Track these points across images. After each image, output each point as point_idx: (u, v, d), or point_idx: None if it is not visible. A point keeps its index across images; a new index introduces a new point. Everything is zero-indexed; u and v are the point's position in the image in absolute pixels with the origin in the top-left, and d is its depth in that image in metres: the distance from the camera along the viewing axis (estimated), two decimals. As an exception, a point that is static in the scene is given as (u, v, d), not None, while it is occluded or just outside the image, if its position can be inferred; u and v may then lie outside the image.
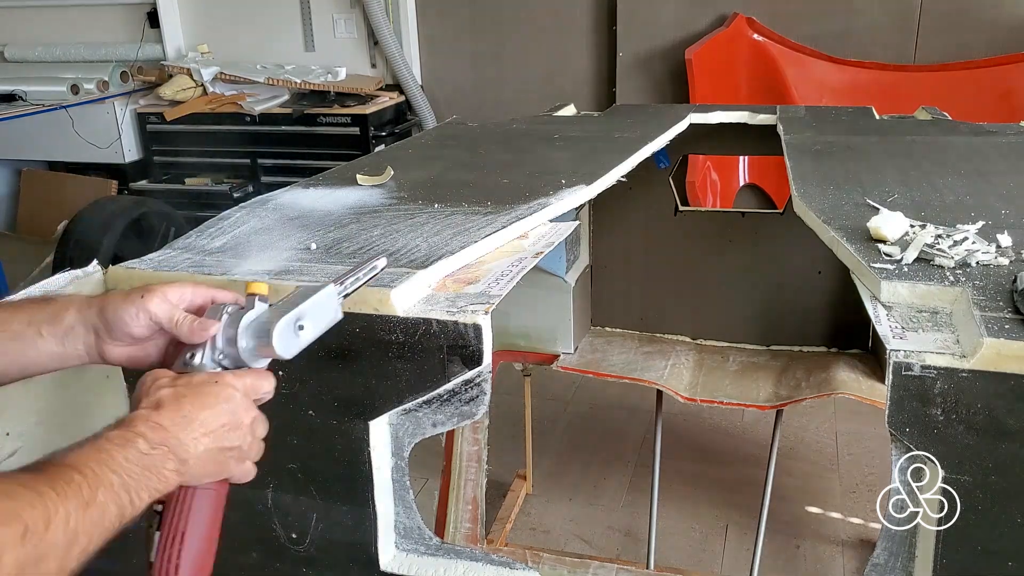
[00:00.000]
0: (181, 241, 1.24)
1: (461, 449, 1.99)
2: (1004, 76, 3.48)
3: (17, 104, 4.08)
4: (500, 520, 2.39)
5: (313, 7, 4.35)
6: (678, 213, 2.29)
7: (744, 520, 2.40)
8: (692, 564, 2.27)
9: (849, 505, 2.47)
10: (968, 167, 1.58)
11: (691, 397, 1.97)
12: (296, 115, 4.10)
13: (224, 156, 4.28)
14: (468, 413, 1.01)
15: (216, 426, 0.76)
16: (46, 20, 4.68)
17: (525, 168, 1.63)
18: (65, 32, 4.64)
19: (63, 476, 0.62)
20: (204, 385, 0.77)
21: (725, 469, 2.66)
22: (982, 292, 0.98)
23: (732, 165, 3.90)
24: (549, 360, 2.19)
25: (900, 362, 0.89)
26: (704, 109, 2.19)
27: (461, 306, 0.99)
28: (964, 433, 0.89)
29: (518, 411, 2.52)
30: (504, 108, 4.11)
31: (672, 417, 2.85)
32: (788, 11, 3.75)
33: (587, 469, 2.70)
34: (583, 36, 4.13)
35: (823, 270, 2.17)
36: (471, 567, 1.06)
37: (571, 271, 2.20)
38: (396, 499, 1.08)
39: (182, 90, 4.26)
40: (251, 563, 1.14)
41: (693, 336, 2.33)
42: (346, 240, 1.21)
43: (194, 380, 0.77)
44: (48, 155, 4.59)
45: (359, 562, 1.08)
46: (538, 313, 2.16)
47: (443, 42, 4.33)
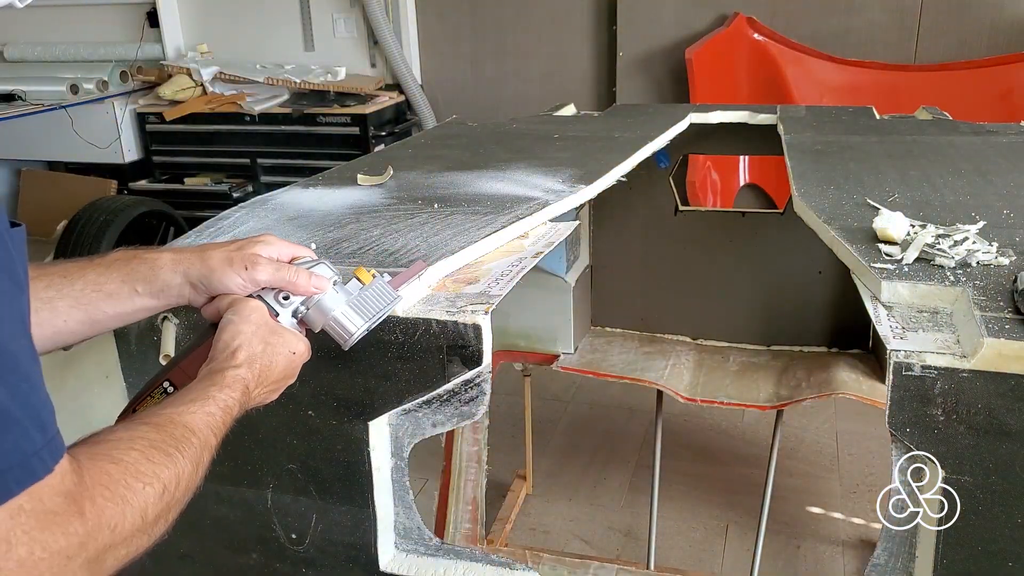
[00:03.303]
0: (180, 241, 1.24)
1: (461, 449, 1.99)
2: (1004, 76, 3.47)
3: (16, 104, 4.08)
4: (500, 520, 2.39)
5: (313, 7, 4.35)
6: (678, 213, 2.28)
7: (744, 520, 2.40)
8: (692, 564, 2.27)
9: (850, 505, 2.46)
10: (968, 167, 1.57)
11: (691, 397, 1.97)
12: (296, 115, 4.10)
13: (224, 156, 4.28)
14: (468, 413, 1.01)
15: (275, 384, 0.85)
16: (46, 20, 4.68)
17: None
18: (65, 32, 4.64)
19: (184, 439, 0.69)
20: (287, 352, 0.85)
21: (725, 469, 2.66)
22: (982, 292, 0.98)
23: (732, 165, 3.90)
24: (549, 360, 2.19)
25: (900, 362, 0.89)
26: (704, 109, 2.19)
27: (461, 306, 0.99)
28: (964, 433, 0.89)
29: (518, 411, 2.52)
30: (504, 108, 4.11)
31: (672, 417, 2.85)
32: (788, 11, 3.75)
33: (587, 469, 2.70)
34: (583, 36, 4.13)
35: (823, 270, 2.17)
36: (471, 567, 1.06)
37: (571, 271, 2.20)
38: (396, 499, 1.08)
39: (182, 90, 4.25)
40: (251, 563, 1.14)
41: (693, 336, 2.33)
42: (346, 240, 1.21)
43: (283, 342, 0.84)
44: (48, 155, 4.59)
45: (359, 562, 1.08)
46: (538, 313, 2.16)
47: (443, 42, 4.33)
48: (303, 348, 0.87)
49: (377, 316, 0.90)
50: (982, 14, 3.54)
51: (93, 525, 0.58)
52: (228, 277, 0.86)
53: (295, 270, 0.87)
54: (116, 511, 0.60)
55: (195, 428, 0.72)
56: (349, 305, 0.88)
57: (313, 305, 0.87)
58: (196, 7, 4.52)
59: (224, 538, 1.15)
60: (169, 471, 0.65)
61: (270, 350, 0.83)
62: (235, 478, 1.11)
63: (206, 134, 4.24)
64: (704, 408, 2.76)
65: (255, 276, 0.86)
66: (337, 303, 0.88)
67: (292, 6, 4.37)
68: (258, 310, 0.85)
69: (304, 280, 0.87)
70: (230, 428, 0.77)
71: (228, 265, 0.86)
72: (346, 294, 0.89)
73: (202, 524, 1.15)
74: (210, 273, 0.86)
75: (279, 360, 0.84)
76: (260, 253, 0.88)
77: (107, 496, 0.60)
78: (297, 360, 0.86)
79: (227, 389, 0.77)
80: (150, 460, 0.64)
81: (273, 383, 0.84)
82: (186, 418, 0.72)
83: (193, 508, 0.70)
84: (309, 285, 0.87)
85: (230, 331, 0.82)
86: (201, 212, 3.81)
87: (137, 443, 0.65)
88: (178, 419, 0.71)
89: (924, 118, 2.16)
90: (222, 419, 0.75)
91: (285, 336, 0.85)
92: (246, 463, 1.10)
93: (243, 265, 0.86)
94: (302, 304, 0.87)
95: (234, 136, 4.21)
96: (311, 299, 0.87)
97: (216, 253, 0.87)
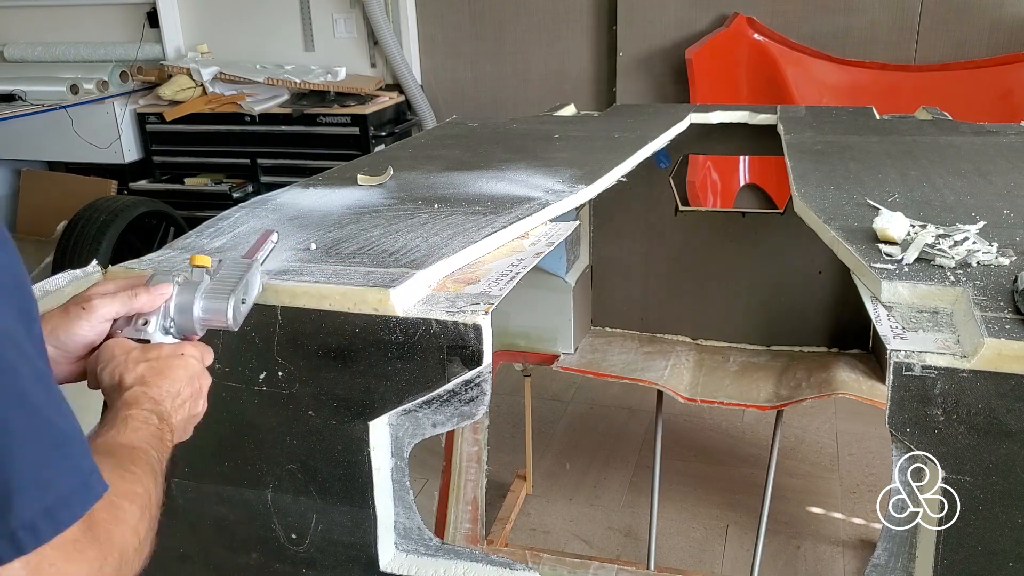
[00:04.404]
0: (180, 241, 1.24)
1: (461, 449, 1.99)
2: (1004, 76, 3.47)
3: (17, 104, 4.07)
4: (500, 520, 2.39)
5: (313, 7, 4.35)
6: (678, 213, 2.28)
7: (744, 520, 2.40)
8: (692, 564, 2.27)
9: (850, 506, 2.46)
10: (968, 167, 1.57)
11: (691, 397, 1.97)
12: (296, 115, 4.09)
13: (224, 156, 4.27)
14: (468, 413, 1.01)
15: (188, 396, 0.82)
16: (46, 20, 4.68)
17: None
18: (65, 32, 4.64)
19: (132, 455, 0.69)
20: (173, 359, 0.82)
21: (725, 469, 2.66)
22: (983, 292, 0.98)
23: (732, 165, 3.90)
24: (549, 360, 2.18)
25: (901, 362, 0.89)
26: (704, 109, 2.19)
27: (461, 306, 0.99)
28: (965, 433, 0.88)
29: (518, 411, 2.52)
30: (504, 108, 4.11)
31: (672, 417, 2.85)
32: (788, 11, 3.75)
33: (587, 469, 2.70)
34: (583, 36, 4.13)
35: (823, 270, 2.17)
36: (471, 568, 1.06)
37: (571, 271, 2.20)
38: (396, 499, 1.08)
39: (182, 90, 4.25)
40: (251, 563, 1.14)
41: (693, 336, 2.33)
42: (346, 240, 1.21)
43: (163, 353, 0.82)
44: (48, 155, 4.58)
45: (359, 562, 1.08)
46: (538, 313, 2.16)
47: (443, 42, 4.33)
48: (189, 348, 0.84)
49: (239, 286, 0.88)
50: (982, 14, 3.54)
51: (106, 549, 0.58)
52: (74, 326, 0.82)
53: (131, 291, 0.84)
54: (119, 533, 0.60)
55: (133, 445, 0.71)
56: (205, 293, 0.87)
57: (174, 314, 0.86)
58: (196, 7, 4.52)
59: (224, 538, 1.15)
60: (140, 486, 0.66)
61: (154, 363, 0.80)
62: (235, 478, 1.11)
63: (206, 134, 4.24)
64: (704, 408, 2.76)
65: (95, 311, 0.82)
66: (194, 297, 0.86)
67: (292, 6, 4.37)
68: (120, 343, 0.82)
69: (144, 295, 0.84)
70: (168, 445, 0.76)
71: (65, 314, 0.83)
72: (196, 286, 0.87)
73: (202, 524, 1.15)
74: (52, 331, 0.82)
75: (169, 365, 0.81)
76: (93, 292, 0.85)
77: (108, 520, 0.60)
78: (190, 362, 0.83)
79: (134, 407, 0.75)
80: (123, 478, 0.64)
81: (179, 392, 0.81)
82: (120, 439, 0.71)
83: (193, 508, 0.70)
84: (153, 296, 0.84)
85: (106, 373, 0.80)
86: (201, 212, 3.80)
87: (104, 465, 0.63)
88: (113, 442, 0.70)
89: (924, 118, 2.16)
90: (148, 432, 0.74)
91: (161, 347, 0.83)
92: (246, 463, 1.10)
93: (79, 307, 0.83)
94: (164, 320, 0.85)
95: (234, 136, 4.21)
96: (167, 309, 0.85)
97: (52, 312, 0.85)
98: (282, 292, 1.04)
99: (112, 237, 3.38)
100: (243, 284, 0.89)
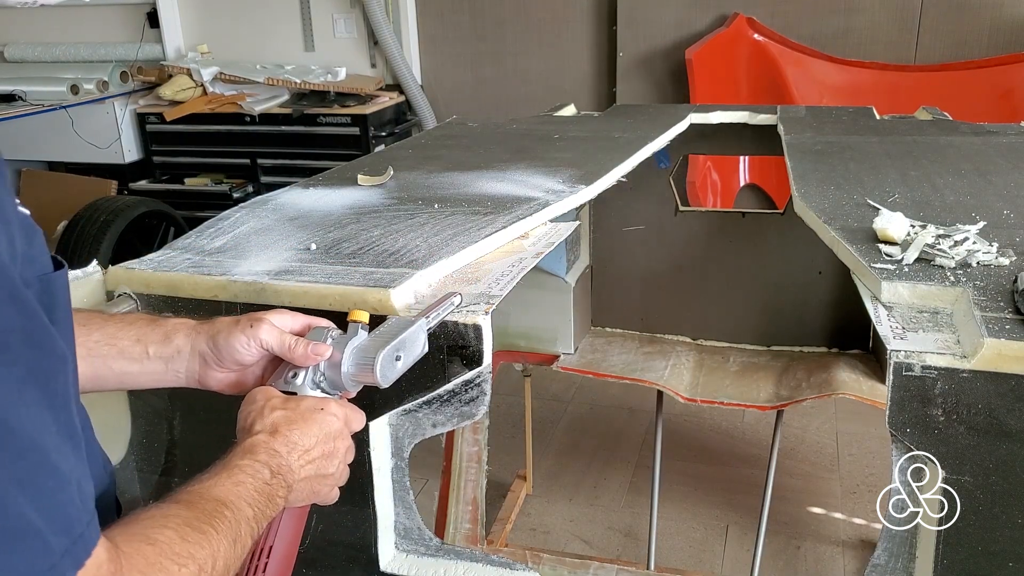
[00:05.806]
0: (181, 241, 1.24)
1: (461, 449, 1.99)
2: (1004, 76, 3.47)
3: (17, 104, 4.07)
4: (500, 520, 2.39)
5: (313, 7, 4.35)
6: (678, 213, 2.28)
7: (744, 520, 2.40)
8: (692, 564, 2.27)
9: (850, 506, 2.46)
10: (968, 167, 1.57)
11: (691, 397, 1.97)
12: (296, 115, 4.09)
13: (224, 156, 4.27)
14: (468, 414, 1.01)
15: (318, 454, 0.80)
16: (46, 20, 4.68)
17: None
18: (65, 32, 4.64)
19: (217, 513, 0.67)
20: (312, 412, 0.81)
21: (725, 469, 2.66)
22: (983, 292, 0.98)
23: (732, 165, 3.90)
24: (549, 360, 2.18)
25: (901, 362, 0.89)
26: (704, 109, 2.19)
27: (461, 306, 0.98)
28: (964, 433, 0.88)
29: (518, 411, 2.52)
30: (504, 108, 4.11)
31: (672, 417, 2.85)
32: (788, 11, 3.75)
33: (587, 469, 2.70)
34: (583, 36, 4.13)
35: (823, 270, 2.17)
36: (471, 568, 1.06)
37: (571, 271, 2.20)
38: (396, 500, 1.08)
39: (182, 90, 4.25)
40: (251, 563, 1.14)
41: (693, 336, 2.33)
42: (346, 240, 1.21)
43: (303, 405, 0.81)
44: (48, 155, 4.58)
45: (359, 563, 1.08)
46: (538, 313, 2.16)
47: (443, 42, 4.33)
48: (333, 405, 0.83)
49: (394, 342, 0.85)
50: (982, 14, 3.54)
51: None
52: (233, 336, 0.84)
53: (294, 339, 0.85)
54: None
55: (226, 501, 0.69)
56: (357, 348, 0.85)
57: (324, 368, 0.84)
58: (196, 7, 4.52)
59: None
60: (205, 550, 0.63)
61: (290, 414, 0.79)
62: (235, 478, 1.11)
63: (206, 134, 4.24)
64: (704, 408, 2.76)
65: (258, 334, 0.84)
66: (344, 352, 0.84)
67: (292, 6, 4.37)
68: (264, 390, 0.82)
69: (301, 348, 0.84)
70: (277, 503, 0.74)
71: (234, 324, 0.85)
72: (349, 340, 0.85)
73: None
74: (216, 334, 0.85)
75: (304, 418, 0.80)
76: (268, 318, 0.86)
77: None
78: (328, 418, 0.82)
79: (248, 455, 0.74)
80: (184, 539, 0.62)
81: (309, 447, 0.79)
82: (215, 491, 0.69)
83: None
84: (307, 351, 0.84)
85: (241, 416, 0.80)
86: (201, 212, 3.81)
87: (171, 521, 0.63)
88: (207, 493, 0.69)
89: (924, 118, 2.16)
90: (253, 487, 0.72)
91: (302, 400, 0.82)
92: (246, 463, 1.10)
93: (248, 323, 0.85)
94: (314, 375, 0.84)
95: (234, 136, 4.21)
96: (321, 366, 0.84)
97: (224, 317, 0.87)
98: (282, 292, 1.04)
99: (112, 237, 3.38)
100: (399, 341, 0.85)
